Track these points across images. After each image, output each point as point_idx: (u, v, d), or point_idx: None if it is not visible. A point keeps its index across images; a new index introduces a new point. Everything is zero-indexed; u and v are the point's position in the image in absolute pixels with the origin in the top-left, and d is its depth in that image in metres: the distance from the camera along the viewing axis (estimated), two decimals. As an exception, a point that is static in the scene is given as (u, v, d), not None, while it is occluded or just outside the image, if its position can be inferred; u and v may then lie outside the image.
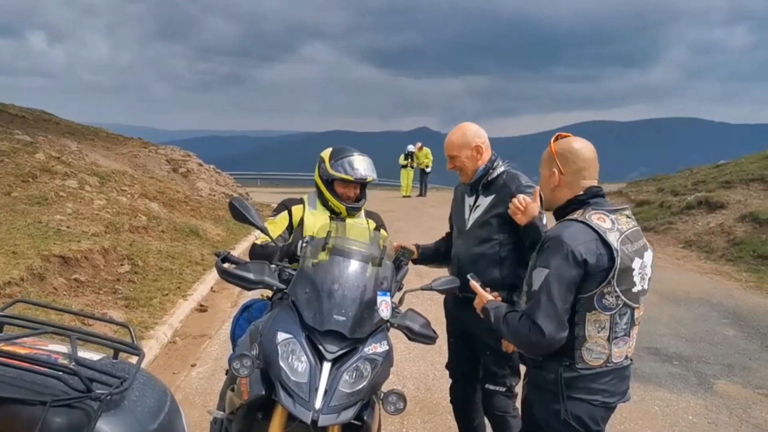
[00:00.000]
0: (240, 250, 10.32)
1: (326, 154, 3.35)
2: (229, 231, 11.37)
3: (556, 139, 2.49)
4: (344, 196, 3.30)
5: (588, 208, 2.31)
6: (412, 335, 2.74)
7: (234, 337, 3.38)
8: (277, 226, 3.35)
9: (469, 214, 3.31)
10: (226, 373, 3.23)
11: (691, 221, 12.80)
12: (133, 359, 1.73)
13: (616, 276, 2.19)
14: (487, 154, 3.25)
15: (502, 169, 3.27)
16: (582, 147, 2.42)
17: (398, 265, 2.92)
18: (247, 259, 3.02)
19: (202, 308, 6.96)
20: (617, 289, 2.21)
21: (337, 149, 3.35)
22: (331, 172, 3.24)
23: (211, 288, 7.66)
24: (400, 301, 2.90)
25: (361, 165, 3.25)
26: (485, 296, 2.58)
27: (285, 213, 3.38)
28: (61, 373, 1.39)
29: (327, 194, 3.31)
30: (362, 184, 3.34)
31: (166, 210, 11.16)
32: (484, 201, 3.27)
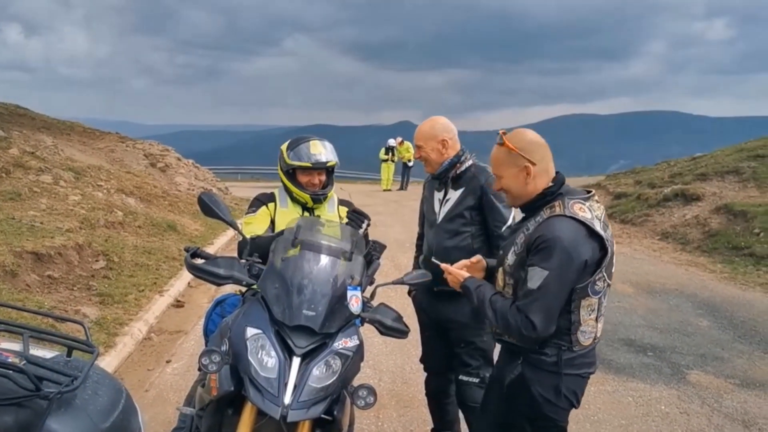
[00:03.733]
0: (218, 245, 10.26)
1: (284, 145, 3.30)
2: (208, 226, 11.28)
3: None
4: (308, 185, 3.22)
5: (564, 199, 2.36)
6: (384, 330, 2.73)
7: (207, 333, 3.36)
8: (260, 220, 3.28)
9: (440, 208, 3.36)
10: (199, 370, 3.21)
11: (668, 213, 12.93)
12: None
13: (606, 263, 2.32)
14: (453, 149, 3.30)
15: (470, 162, 3.33)
16: (536, 136, 2.48)
17: (369, 260, 2.91)
18: (226, 254, 2.98)
19: (178, 304, 6.91)
20: (605, 274, 2.34)
21: (295, 138, 3.29)
22: (289, 162, 3.19)
23: (188, 283, 7.60)
24: (372, 295, 2.89)
25: (319, 149, 3.18)
26: (461, 274, 2.59)
27: (264, 208, 3.32)
28: (9, 371, 1.37)
29: (290, 185, 3.25)
30: (327, 170, 3.27)
31: (143, 205, 11.05)
32: (454, 194, 3.31)
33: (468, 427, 3.45)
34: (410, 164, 23.88)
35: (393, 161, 23.80)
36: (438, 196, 3.40)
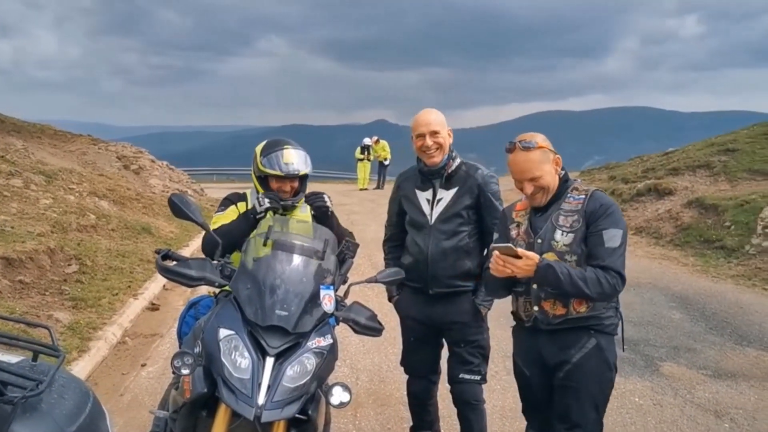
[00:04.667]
0: (194, 247, 10.17)
1: (259, 148, 3.23)
2: (183, 228, 11.19)
3: (513, 146, 2.67)
4: (279, 191, 3.15)
5: (576, 182, 2.75)
6: (359, 328, 2.74)
7: (181, 335, 3.32)
8: (229, 219, 3.25)
9: (431, 209, 3.26)
10: (174, 373, 3.18)
11: (641, 208, 13.11)
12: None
13: None
14: None
15: (459, 160, 3.28)
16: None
17: (342, 259, 2.91)
18: (201, 255, 2.94)
19: (153, 307, 6.84)
20: None
21: (269, 143, 3.22)
22: (262, 168, 3.12)
23: (164, 286, 7.53)
24: (346, 294, 2.90)
25: (293, 158, 3.11)
26: (535, 255, 2.57)
27: (233, 207, 3.27)
28: (-28, 376, 1.34)
29: (261, 191, 3.19)
30: (299, 177, 3.20)
31: (116, 208, 10.93)
32: (447, 194, 3.24)
33: (461, 424, 3.46)
34: (386, 163, 23.91)
35: (369, 160, 23.79)
36: (424, 195, 3.30)
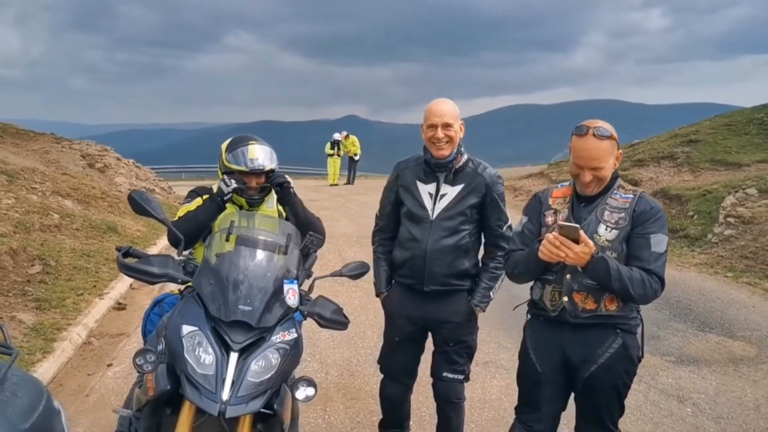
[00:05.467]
0: (161, 245, 10.07)
1: (224, 145, 3.19)
2: (150, 226, 11.05)
3: (586, 131, 2.56)
4: (246, 188, 3.12)
5: (618, 180, 2.70)
6: (323, 322, 2.73)
7: (145, 334, 3.30)
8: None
9: (433, 204, 3.17)
10: (137, 371, 3.15)
11: (608, 199, 13.33)
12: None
13: None
14: None
15: (466, 156, 3.20)
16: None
17: (306, 253, 2.90)
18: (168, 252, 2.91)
19: (120, 306, 6.75)
20: None
21: (235, 139, 3.18)
22: (227, 164, 3.10)
23: (131, 285, 7.43)
24: (310, 288, 2.90)
25: (258, 154, 3.08)
26: (592, 246, 2.47)
27: (199, 198, 3.20)
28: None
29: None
30: (266, 173, 3.15)
31: (81, 207, 10.74)
32: (452, 190, 3.15)
33: (439, 420, 3.46)
34: (356, 158, 23.88)
35: (339, 156, 23.71)
36: (427, 188, 3.18)
